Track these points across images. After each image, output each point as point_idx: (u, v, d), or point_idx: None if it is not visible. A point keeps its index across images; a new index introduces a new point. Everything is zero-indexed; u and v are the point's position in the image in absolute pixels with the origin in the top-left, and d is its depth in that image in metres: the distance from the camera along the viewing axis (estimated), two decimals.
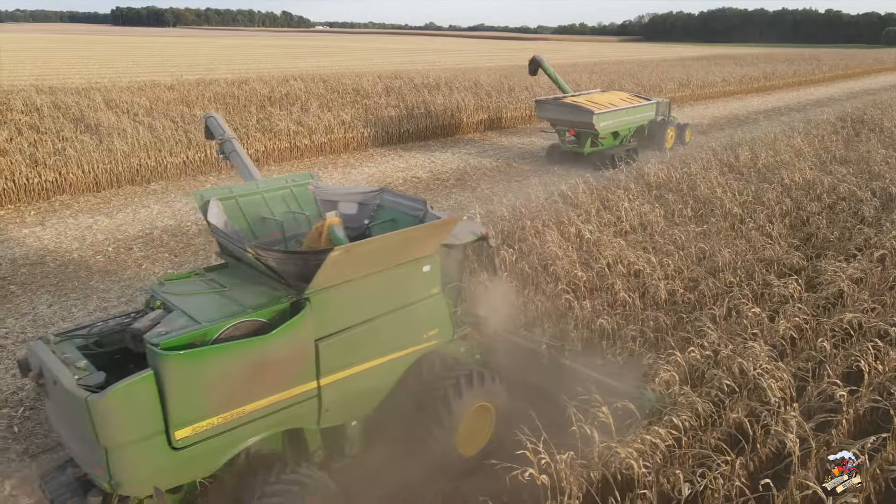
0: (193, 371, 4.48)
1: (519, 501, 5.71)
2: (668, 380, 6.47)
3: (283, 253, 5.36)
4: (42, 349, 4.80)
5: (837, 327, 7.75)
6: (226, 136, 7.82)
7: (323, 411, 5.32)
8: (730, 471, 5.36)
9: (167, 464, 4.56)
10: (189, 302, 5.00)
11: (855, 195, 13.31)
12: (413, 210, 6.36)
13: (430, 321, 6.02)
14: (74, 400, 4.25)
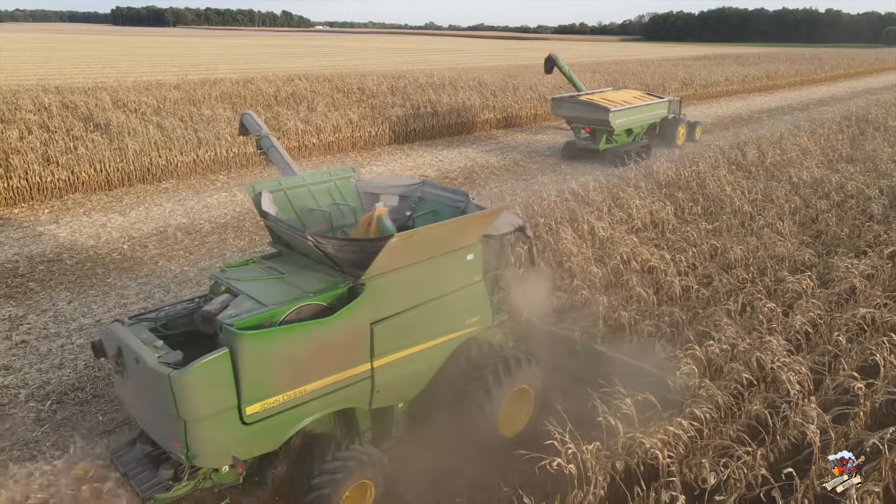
0: (264, 350, 4.75)
1: (542, 491, 5.81)
2: (689, 373, 6.57)
3: (342, 240, 5.57)
4: (121, 330, 5.09)
5: (851, 322, 7.85)
6: (262, 133, 8.07)
7: (375, 392, 5.60)
8: (751, 461, 5.46)
9: (238, 438, 4.84)
10: (253, 287, 5.31)
11: (863, 193, 13.42)
12: (454, 202, 6.59)
13: (473, 308, 6.29)
14: (157, 377, 4.53)
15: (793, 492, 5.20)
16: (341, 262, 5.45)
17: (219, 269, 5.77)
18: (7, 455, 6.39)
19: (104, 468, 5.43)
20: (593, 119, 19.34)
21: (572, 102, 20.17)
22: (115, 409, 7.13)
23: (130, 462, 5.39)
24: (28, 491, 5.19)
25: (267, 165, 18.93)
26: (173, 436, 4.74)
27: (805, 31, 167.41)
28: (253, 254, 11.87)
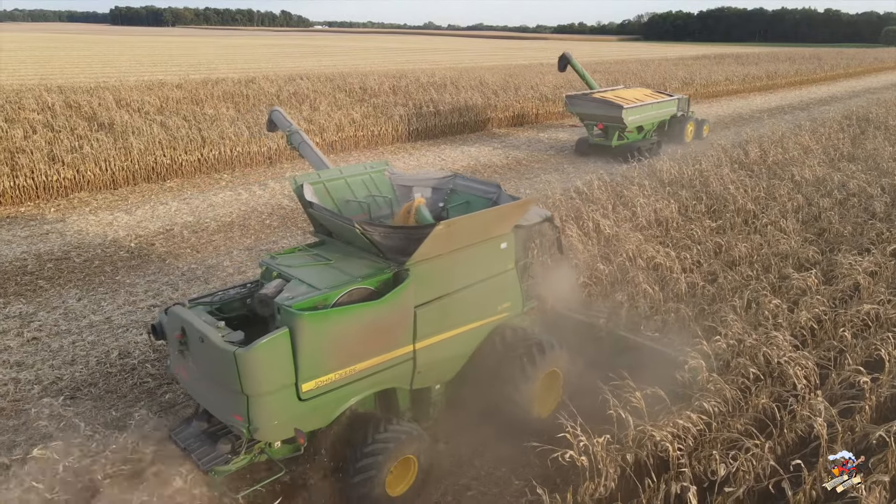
0: (320, 330, 5.05)
1: (552, 484, 5.89)
2: (696, 367, 6.65)
3: (388, 228, 5.83)
4: (185, 312, 5.37)
5: (856, 318, 7.94)
6: (292, 129, 8.24)
7: (416, 373, 5.92)
8: (760, 453, 5.54)
9: (294, 413, 5.14)
10: (304, 272, 5.61)
11: (865, 191, 13.51)
12: (486, 193, 6.92)
13: (505, 294, 6.58)
14: (222, 354, 4.82)
15: (801, 483, 5.29)
16: (385, 248, 5.73)
17: (268, 257, 6.08)
18: (22, 450, 6.45)
19: (163, 445, 5.78)
20: (606, 116, 19.88)
21: (586, 100, 20.70)
22: (129, 403, 7.21)
23: (188, 438, 5.70)
24: (96, 465, 5.55)
25: (272, 164, 19.03)
26: (235, 410, 5.04)
27: (804, 31, 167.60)
28: (259, 252, 11.95)
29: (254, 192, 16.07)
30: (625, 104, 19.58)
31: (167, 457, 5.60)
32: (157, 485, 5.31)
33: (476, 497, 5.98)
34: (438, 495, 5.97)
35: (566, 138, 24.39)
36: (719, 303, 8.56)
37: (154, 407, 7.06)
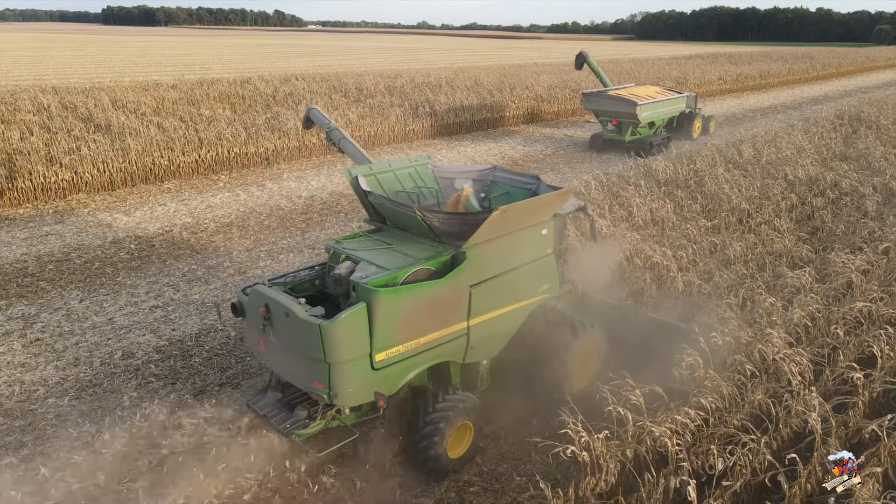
0: (392, 305, 5.55)
1: (554, 479, 6.01)
2: (693, 364, 6.79)
3: (447, 214, 6.38)
4: (268, 290, 5.86)
5: (849, 315, 8.09)
6: (331, 126, 8.60)
7: (469, 348, 6.41)
8: (756, 448, 5.68)
9: (368, 381, 5.64)
10: (371, 255, 6.14)
11: (857, 190, 13.70)
12: (526, 185, 7.45)
13: (545, 277, 7.08)
14: (308, 327, 5.33)
15: (796, 477, 5.42)
16: (442, 233, 6.21)
17: (334, 241, 6.62)
18: (30, 450, 6.54)
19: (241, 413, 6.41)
20: (621, 112, 20.74)
21: (601, 97, 21.55)
22: (133, 403, 7.28)
23: (266, 406, 6.26)
24: (182, 434, 6.22)
25: (269, 165, 19.10)
26: (316, 378, 5.57)
27: (796, 30, 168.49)
28: (259, 253, 12.04)
29: (252, 193, 16.14)
30: (638, 101, 20.43)
31: (252, 422, 6.29)
32: (254, 442, 6.05)
33: (478, 493, 6.09)
34: (441, 492, 6.07)
35: (563, 135, 24.54)
36: (715, 300, 8.70)
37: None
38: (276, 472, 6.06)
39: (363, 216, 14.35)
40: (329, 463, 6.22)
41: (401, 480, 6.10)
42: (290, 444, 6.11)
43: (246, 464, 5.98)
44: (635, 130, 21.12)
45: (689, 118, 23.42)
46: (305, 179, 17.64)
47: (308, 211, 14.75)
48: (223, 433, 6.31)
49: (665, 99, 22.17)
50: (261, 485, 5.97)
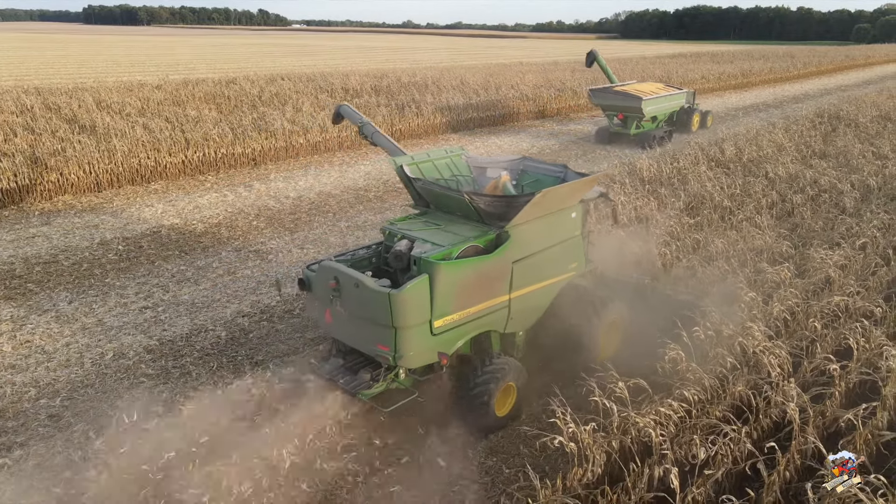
0: (451, 277, 6.18)
1: (542, 471, 6.16)
2: (675, 357, 6.98)
3: (493, 197, 6.99)
4: (336, 265, 6.47)
5: (827, 309, 8.34)
6: (363, 121, 8.87)
7: (509, 319, 7.02)
8: (737, 437, 5.87)
9: (427, 345, 6.28)
10: (425, 233, 6.79)
11: (836, 187, 14.01)
12: (554, 173, 8.03)
13: (573, 256, 7.71)
14: (378, 296, 5.95)
15: (775, 465, 5.62)
16: (486, 215, 6.86)
17: (388, 223, 7.22)
18: (25, 451, 6.58)
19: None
20: (626, 107, 22.08)
21: (608, 93, 22.81)
22: (128, 402, 7.33)
23: (331, 371, 6.86)
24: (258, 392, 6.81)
25: (256, 166, 19.11)
26: (382, 342, 6.18)
27: (777, 29, 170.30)
28: (248, 253, 12.10)
29: (239, 194, 16.16)
30: (643, 96, 21.72)
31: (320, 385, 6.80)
32: (329, 401, 6.63)
33: (468, 485, 6.22)
34: (433, 484, 6.19)
35: (558, 133, 24.76)
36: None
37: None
38: (345, 428, 6.64)
39: (351, 216, 14.49)
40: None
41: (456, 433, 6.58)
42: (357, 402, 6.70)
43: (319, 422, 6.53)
44: (639, 124, 22.35)
45: (689, 113, 24.69)
46: (293, 180, 17.68)
47: (296, 211, 14.81)
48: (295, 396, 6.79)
49: (667, 94, 23.49)
50: (335, 436, 6.52)
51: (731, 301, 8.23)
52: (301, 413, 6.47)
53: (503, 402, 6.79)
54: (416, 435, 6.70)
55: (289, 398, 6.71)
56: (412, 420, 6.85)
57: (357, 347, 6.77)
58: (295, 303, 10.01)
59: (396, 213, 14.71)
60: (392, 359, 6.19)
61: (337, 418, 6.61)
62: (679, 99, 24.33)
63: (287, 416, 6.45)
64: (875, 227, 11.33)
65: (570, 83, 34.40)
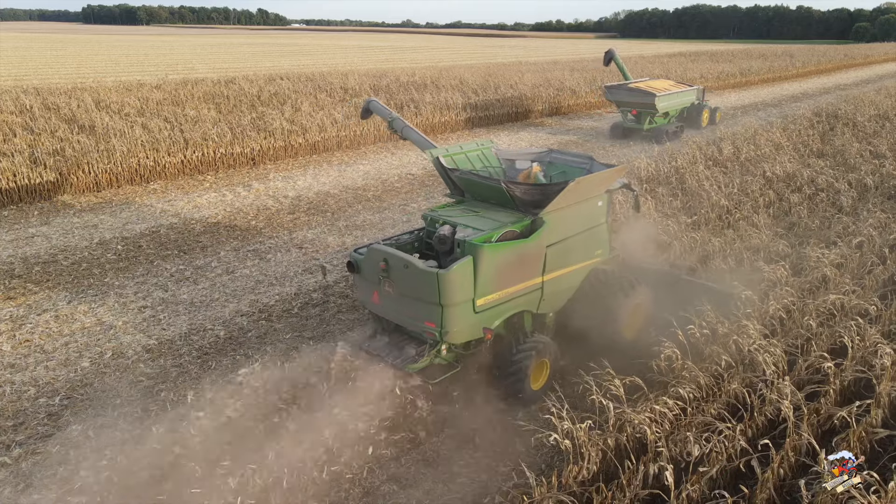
0: (492, 259, 6.58)
1: (538, 469, 6.20)
2: (671, 355, 7.01)
3: (529, 186, 7.44)
4: (385, 248, 6.96)
5: (822, 308, 8.37)
6: (393, 116, 9.17)
7: (542, 300, 7.46)
8: (732, 435, 5.91)
9: (470, 322, 6.73)
10: (465, 219, 7.24)
11: (833, 186, 14.04)
12: (580, 164, 8.50)
13: (599, 243, 8.14)
14: (426, 275, 6.39)
15: (769, 462, 5.65)
16: (522, 202, 7.31)
17: (429, 210, 7.72)
18: (25, 449, 6.62)
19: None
20: (641, 103, 22.86)
21: (623, 89, 23.63)
22: (130, 401, 7.37)
23: (378, 348, 7.38)
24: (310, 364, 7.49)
25: (255, 165, 19.14)
26: (429, 319, 6.64)
27: (777, 28, 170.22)
28: (247, 252, 12.14)
29: (238, 194, 16.19)
30: (657, 92, 22.59)
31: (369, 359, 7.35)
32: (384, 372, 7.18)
33: (465, 484, 6.24)
34: (430, 483, 6.24)
35: (557, 132, 24.79)
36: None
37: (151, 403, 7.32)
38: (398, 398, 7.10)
39: (349, 215, 14.50)
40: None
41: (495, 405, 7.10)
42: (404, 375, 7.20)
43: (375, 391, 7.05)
44: (652, 119, 23.17)
45: (698, 109, 25.43)
46: (292, 179, 17.71)
47: (295, 211, 14.84)
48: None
49: (679, 91, 24.27)
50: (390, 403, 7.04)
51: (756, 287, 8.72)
52: (361, 384, 7.06)
53: (538, 376, 7.28)
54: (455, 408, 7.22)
55: (350, 370, 7.36)
56: (453, 391, 7.38)
57: (404, 325, 7.26)
58: (293, 302, 10.05)
59: (395, 213, 14.75)
60: (439, 334, 6.63)
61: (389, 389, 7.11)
62: (690, 95, 25.00)
63: (350, 385, 7.09)
64: (871, 226, 11.36)
65: (568, 82, 34.43)
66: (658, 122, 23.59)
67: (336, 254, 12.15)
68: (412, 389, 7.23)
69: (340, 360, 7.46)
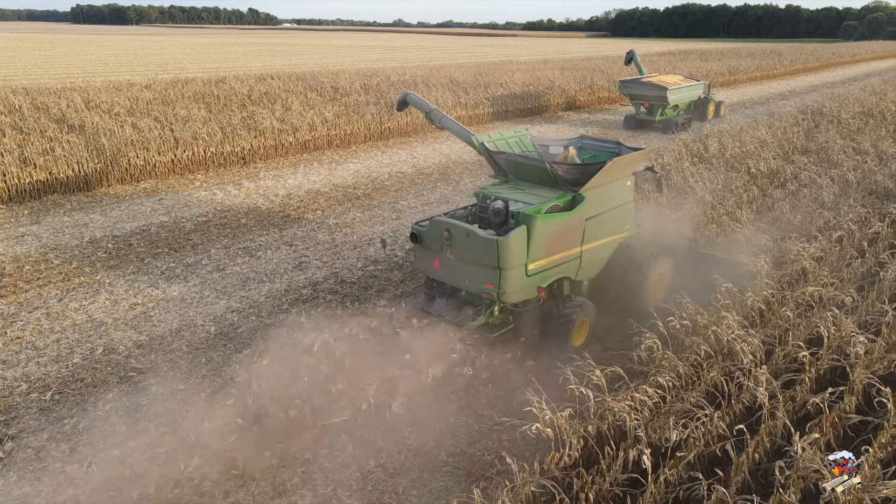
0: (542, 228, 7.52)
1: (521, 456, 6.35)
2: (651, 346, 7.19)
3: (570, 165, 8.42)
4: (448, 220, 7.88)
5: (801, 299, 8.57)
6: (430, 108, 9.74)
7: (580, 268, 8.36)
8: (709, 422, 6.08)
9: (522, 284, 7.61)
10: (515, 195, 8.15)
11: (815, 182, 14.27)
12: (609, 149, 9.42)
13: (627, 219, 9.01)
14: (487, 242, 7.27)
15: (745, 447, 5.83)
16: (563, 181, 8.24)
17: (481, 188, 8.65)
18: (16, 443, 6.71)
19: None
20: (654, 96, 24.61)
21: (637, 83, 25.51)
22: (120, 395, 7.47)
23: (437, 309, 8.34)
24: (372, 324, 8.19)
25: (245, 164, 19.22)
26: (488, 281, 7.50)
27: (766, 27, 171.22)
28: (237, 250, 12.23)
29: (229, 192, 16.27)
30: (668, 86, 24.31)
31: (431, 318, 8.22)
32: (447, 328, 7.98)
33: (451, 472, 6.39)
34: (417, 472, 6.38)
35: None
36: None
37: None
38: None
39: (339, 213, 14.60)
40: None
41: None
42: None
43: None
44: (663, 112, 24.85)
45: (705, 102, 27.33)
46: (282, 178, 17.81)
47: (285, 209, 14.95)
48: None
49: (688, 85, 26.09)
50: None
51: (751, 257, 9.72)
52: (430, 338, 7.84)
53: (579, 333, 8.14)
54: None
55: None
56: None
57: (464, 288, 8.09)
58: (283, 298, 10.17)
59: (385, 211, 14.88)
60: (496, 294, 7.49)
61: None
62: (697, 89, 26.77)
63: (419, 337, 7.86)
64: (851, 221, 11.59)
65: (558, 81, 34.64)
66: (668, 114, 25.13)
67: (326, 250, 12.27)
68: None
69: (405, 316, 8.36)
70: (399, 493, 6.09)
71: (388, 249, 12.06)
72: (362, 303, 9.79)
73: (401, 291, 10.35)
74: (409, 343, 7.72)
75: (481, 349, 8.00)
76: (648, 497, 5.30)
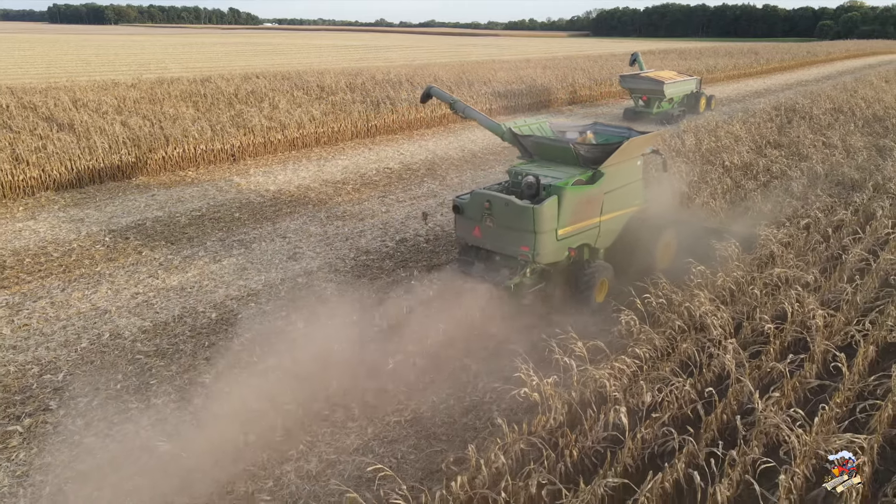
0: (571, 198, 8.72)
1: (517, 417, 6.85)
2: (629, 321, 7.74)
3: (591, 145, 9.70)
4: (487, 192, 9.06)
5: (768, 280, 9.19)
6: (454, 99, 10.85)
7: (599, 236, 9.55)
8: (682, 388, 6.64)
9: (553, 248, 8.83)
10: (544, 171, 9.32)
11: (786, 174, 14.96)
12: (621, 133, 10.59)
13: (636, 195, 10.18)
14: (524, 210, 8.46)
15: (713, 408, 6.40)
16: (584, 159, 9.43)
17: (513, 166, 9.80)
18: (34, 419, 7.10)
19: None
20: (651, 90, 26.91)
21: (636, 78, 27.91)
22: (131, 374, 7.86)
23: (477, 272, 9.30)
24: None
25: (235, 161, 19.55)
26: (524, 244, 8.65)
27: (743, 26, 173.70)
28: (232, 242, 12.62)
29: (220, 188, 16.62)
30: (665, 81, 26.55)
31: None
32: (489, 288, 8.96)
33: (445, 440, 6.87)
34: (415, 439, 6.86)
35: None
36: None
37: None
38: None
39: (329, 207, 15.02)
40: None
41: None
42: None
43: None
44: (660, 104, 27.06)
45: (697, 97, 29.35)
46: (272, 174, 18.18)
47: (277, 203, 15.34)
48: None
49: (682, 80, 28.34)
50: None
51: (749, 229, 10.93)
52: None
53: (600, 291, 9.35)
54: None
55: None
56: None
57: (502, 252, 9.10)
58: (280, 287, 10.60)
59: (374, 204, 15.34)
60: (532, 256, 8.61)
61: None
62: (691, 84, 28.98)
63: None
64: (818, 209, 12.27)
65: (539, 80, 35.25)
66: (664, 107, 27.35)
67: (319, 242, 12.70)
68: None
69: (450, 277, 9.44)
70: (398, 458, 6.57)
71: (412, 232, 13.17)
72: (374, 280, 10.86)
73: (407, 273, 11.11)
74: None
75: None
76: (626, 452, 5.83)
